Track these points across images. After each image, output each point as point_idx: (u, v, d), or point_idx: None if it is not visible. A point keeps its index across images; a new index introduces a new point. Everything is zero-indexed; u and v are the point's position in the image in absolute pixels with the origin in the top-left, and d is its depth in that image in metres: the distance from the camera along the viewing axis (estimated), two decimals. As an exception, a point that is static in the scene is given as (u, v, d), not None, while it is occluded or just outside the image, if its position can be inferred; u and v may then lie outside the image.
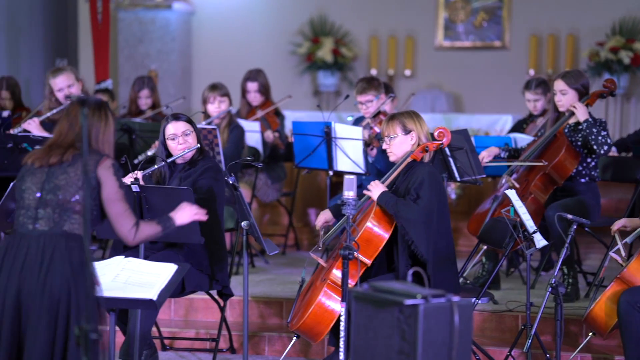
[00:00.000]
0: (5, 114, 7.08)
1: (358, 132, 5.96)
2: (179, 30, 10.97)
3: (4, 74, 8.95)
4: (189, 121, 4.83)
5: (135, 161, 6.33)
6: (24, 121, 6.29)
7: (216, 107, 6.37)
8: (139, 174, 4.65)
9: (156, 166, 4.77)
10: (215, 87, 6.43)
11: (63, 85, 6.01)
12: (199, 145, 4.80)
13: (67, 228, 3.42)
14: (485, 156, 5.76)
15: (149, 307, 3.86)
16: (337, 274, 4.58)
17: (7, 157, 5.97)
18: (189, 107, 10.65)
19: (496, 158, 5.84)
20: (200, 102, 6.59)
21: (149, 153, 6.34)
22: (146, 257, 4.50)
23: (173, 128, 4.78)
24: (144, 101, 7.34)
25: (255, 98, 7.06)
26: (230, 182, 4.60)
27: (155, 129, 6.86)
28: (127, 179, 4.58)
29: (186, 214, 3.93)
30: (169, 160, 4.76)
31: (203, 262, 4.75)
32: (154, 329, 5.13)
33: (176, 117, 4.83)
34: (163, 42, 10.86)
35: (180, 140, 4.78)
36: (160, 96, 7.67)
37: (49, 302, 3.33)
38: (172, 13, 10.92)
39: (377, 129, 6.06)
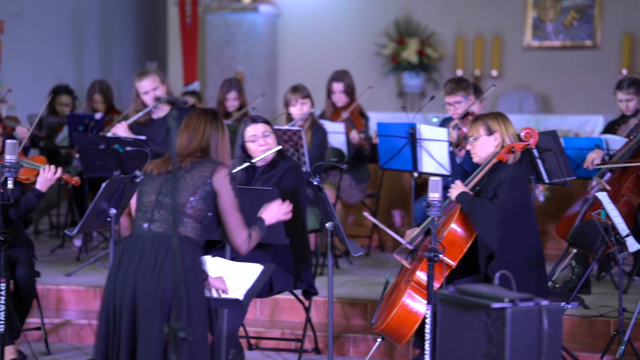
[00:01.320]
0: (98, 116, 7.28)
1: (443, 133, 5.91)
2: (265, 32, 11.08)
3: (97, 77, 9.20)
4: (267, 122, 4.85)
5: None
6: (113, 125, 6.44)
7: (298, 109, 6.40)
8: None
9: (238, 168, 4.80)
10: (296, 90, 6.45)
11: (148, 88, 6.12)
12: (280, 146, 4.81)
13: (181, 231, 3.52)
14: (595, 158, 5.65)
15: (236, 306, 3.90)
16: (421, 275, 4.55)
17: (99, 158, 6.14)
18: (274, 108, 10.75)
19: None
20: (283, 104, 6.62)
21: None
22: (232, 258, 4.55)
23: (253, 130, 4.80)
24: (231, 103, 7.43)
25: (340, 99, 7.07)
26: (315, 183, 4.61)
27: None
28: None
29: (274, 213, 3.99)
30: (253, 161, 4.79)
31: (288, 262, 4.78)
32: (240, 328, 5.18)
33: (254, 119, 4.85)
34: (249, 44, 10.98)
35: (260, 142, 4.79)
36: (246, 98, 7.75)
37: (162, 302, 3.40)
38: (258, 15, 11.04)
39: (465, 130, 5.99)
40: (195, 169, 3.58)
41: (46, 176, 4.99)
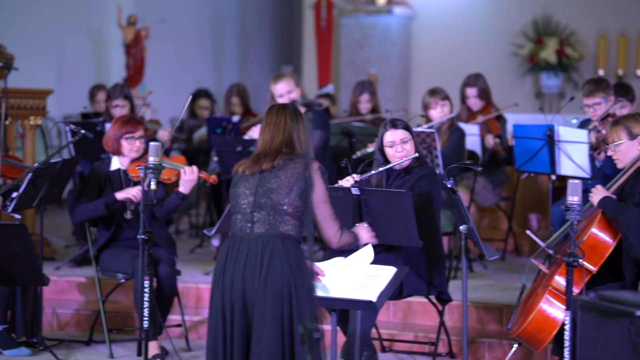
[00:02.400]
0: (235, 118, 7.46)
1: (583, 135, 5.73)
2: (399, 34, 11.06)
3: (235, 81, 9.43)
4: (407, 128, 4.82)
5: (354, 157, 6.44)
6: (249, 128, 6.58)
7: (439, 111, 6.35)
8: (356, 176, 4.72)
9: (373, 172, 4.80)
10: (435, 92, 6.41)
11: (283, 91, 6.22)
12: (417, 154, 4.78)
13: (282, 229, 3.55)
14: None
15: (369, 308, 3.92)
16: (559, 281, 4.43)
17: (236, 159, 6.24)
18: (407, 110, 10.71)
19: None
20: (421, 107, 6.58)
21: (368, 150, 6.43)
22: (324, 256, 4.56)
23: (392, 136, 4.78)
24: (364, 105, 7.45)
25: (475, 103, 6.96)
26: (449, 185, 4.57)
27: (374, 133, 6.94)
28: (345, 182, 4.66)
29: (364, 236, 4.05)
30: (387, 167, 4.78)
31: (421, 267, 4.75)
32: (373, 330, 5.19)
33: (394, 124, 4.82)
34: (383, 46, 10.99)
35: (398, 149, 4.77)
36: (379, 100, 7.76)
37: (272, 301, 3.47)
38: (392, 18, 11.03)
39: (604, 132, 5.79)
40: (288, 166, 3.60)
41: (187, 178, 5.16)
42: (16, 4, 9.55)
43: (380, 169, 4.77)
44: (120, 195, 5.22)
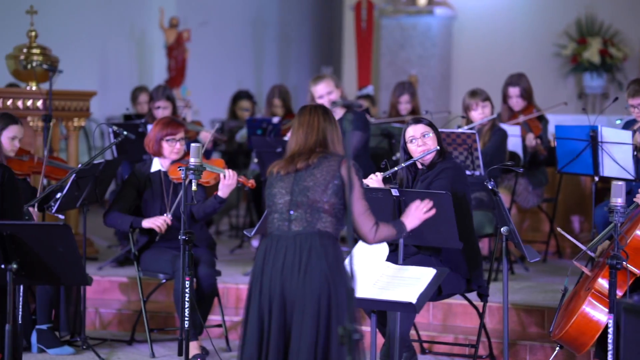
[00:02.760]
0: (276, 120, 7.48)
1: (627, 136, 5.65)
2: (439, 35, 11.01)
3: (275, 82, 9.47)
4: (430, 124, 4.80)
5: (394, 157, 6.42)
6: (289, 129, 6.59)
7: (479, 113, 6.30)
8: (379, 174, 4.71)
9: (396, 168, 4.79)
10: (475, 93, 6.36)
11: (323, 92, 6.22)
12: (438, 147, 4.75)
13: (320, 227, 3.55)
14: None
15: (409, 310, 3.91)
16: (602, 283, 4.38)
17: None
18: (448, 111, 10.66)
19: None
20: (461, 108, 6.55)
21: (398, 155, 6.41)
22: (403, 262, 4.55)
23: (412, 131, 4.77)
24: (404, 106, 7.44)
25: (517, 103, 6.90)
26: (490, 187, 4.54)
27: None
28: (369, 180, 4.66)
29: (415, 218, 3.97)
30: (408, 162, 4.76)
31: (460, 265, 4.73)
32: (412, 332, 5.18)
33: (416, 120, 4.83)
34: (424, 47, 10.95)
35: (419, 142, 4.75)
36: (419, 101, 7.73)
37: (311, 299, 3.47)
38: (433, 18, 10.99)
39: (649, 133, 5.71)
40: (322, 164, 3.60)
41: (226, 183, 5.19)
42: (61, 8, 9.68)
43: (402, 164, 4.74)
44: (146, 224, 5.29)
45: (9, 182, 3.69)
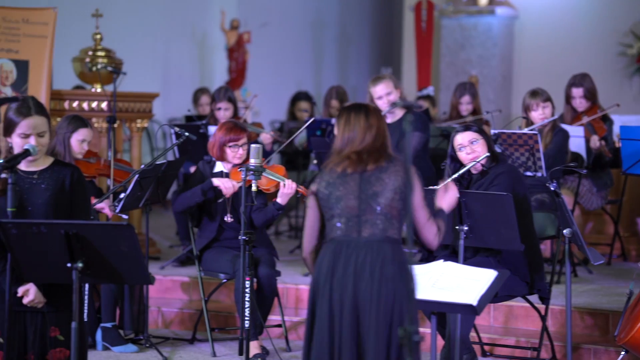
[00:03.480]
0: (334, 121, 7.49)
1: (695, 136, 5.53)
2: (501, 35, 10.90)
3: (334, 83, 9.48)
4: (478, 130, 4.75)
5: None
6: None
7: (540, 113, 6.22)
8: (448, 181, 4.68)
9: (449, 179, 4.72)
10: (536, 94, 6.28)
11: (382, 93, 6.20)
12: (488, 153, 4.70)
13: (390, 233, 3.46)
14: None
15: (469, 312, 3.87)
16: (669, 288, 4.29)
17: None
18: (508, 112, 10.56)
19: None
20: (521, 109, 6.47)
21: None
22: (463, 263, 4.52)
23: (460, 138, 4.73)
24: (465, 107, 7.39)
25: (580, 104, 6.79)
26: (552, 188, 4.48)
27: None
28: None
29: (450, 199, 3.94)
30: (459, 172, 4.70)
31: (521, 268, 4.67)
32: (473, 334, 5.14)
33: (464, 127, 4.78)
34: (484, 47, 10.86)
35: (467, 150, 4.71)
36: (480, 102, 7.67)
37: (384, 307, 3.38)
38: (494, 18, 10.89)
39: None
40: (390, 169, 3.50)
41: (285, 192, 5.21)
42: (125, 11, 9.84)
43: (454, 175, 4.68)
44: (216, 181, 5.30)
45: (78, 182, 3.76)
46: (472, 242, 4.59)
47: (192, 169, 6.51)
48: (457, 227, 4.54)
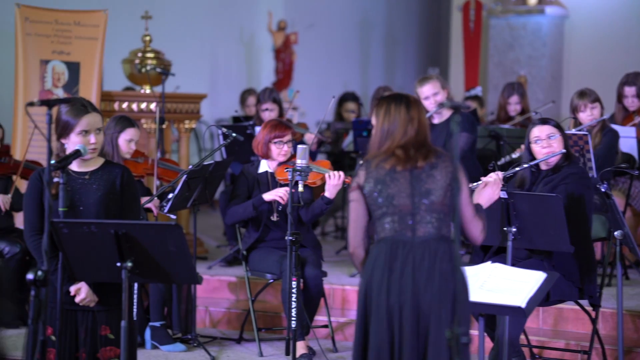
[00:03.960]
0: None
1: None
2: (550, 34, 10.78)
3: (381, 83, 9.46)
4: (557, 126, 4.70)
5: (499, 163, 6.32)
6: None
7: (588, 114, 6.13)
8: (500, 174, 4.63)
9: (517, 169, 4.70)
10: (584, 94, 6.18)
11: (429, 93, 6.16)
12: (564, 150, 4.64)
13: (443, 232, 3.38)
14: None
15: (517, 314, 3.83)
16: None
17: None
18: (558, 112, 10.42)
19: None
20: (569, 109, 6.39)
21: (514, 156, 6.29)
22: (512, 265, 4.47)
23: (537, 131, 4.69)
24: (513, 107, 7.31)
25: (632, 103, 6.67)
26: (603, 189, 4.41)
27: (523, 135, 6.78)
28: (488, 178, 4.58)
29: (489, 195, 3.89)
30: (531, 163, 4.67)
31: (572, 272, 4.61)
32: (522, 336, 5.08)
33: (543, 120, 4.73)
34: (533, 47, 10.74)
35: (544, 144, 4.66)
36: (529, 102, 7.59)
37: (446, 306, 3.30)
38: (544, 17, 10.77)
39: None
40: (439, 165, 3.39)
41: (333, 183, 5.20)
42: (174, 13, 9.94)
43: (524, 165, 4.66)
44: (267, 196, 5.32)
45: (128, 183, 3.81)
46: (521, 244, 4.54)
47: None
48: (505, 229, 4.49)
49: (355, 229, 3.46)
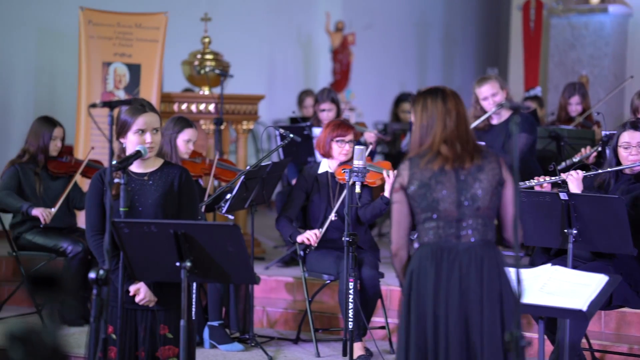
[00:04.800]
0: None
1: None
2: (613, 33, 10.58)
3: (439, 84, 9.37)
4: None
5: (560, 167, 6.23)
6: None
7: (650, 115, 6.01)
8: (580, 173, 4.56)
9: (600, 171, 4.62)
10: (644, 95, 6.07)
11: (487, 94, 6.10)
12: None
13: (490, 237, 3.29)
14: None
15: (579, 317, 3.77)
16: None
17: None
18: (620, 112, 10.23)
19: None
20: (630, 110, 6.26)
21: (575, 160, 6.18)
22: (574, 268, 4.40)
23: (628, 137, 4.59)
24: (574, 108, 7.20)
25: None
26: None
27: (584, 136, 6.68)
28: (565, 175, 4.51)
29: None
30: (616, 168, 4.58)
31: (634, 276, 4.52)
32: (583, 340, 5.00)
33: (635, 125, 4.61)
34: (595, 46, 10.56)
35: (632, 151, 4.57)
36: (590, 102, 7.46)
37: (494, 310, 3.23)
38: (607, 16, 10.58)
39: None
40: (485, 166, 3.28)
41: (391, 182, 5.18)
42: (232, 14, 10.01)
43: (608, 169, 4.58)
44: (299, 239, 5.37)
45: (187, 183, 3.85)
46: (582, 246, 4.47)
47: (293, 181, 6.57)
48: (565, 231, 4.43)
49: (398, 230, 3.38)
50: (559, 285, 3.87)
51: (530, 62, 10.88)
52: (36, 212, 5.73)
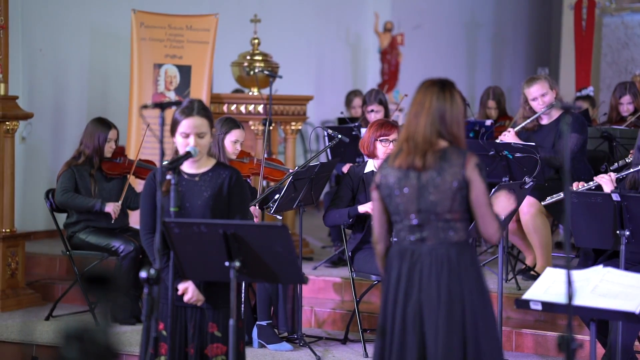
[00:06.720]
0: (488, 122, 7.37)
1: None
2: (666, 31, 10.41)
3: (488, 84, 9.33)
4: None
5: (612, 168, 6.14)
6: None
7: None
8: (612, 175, 4.50)
9: (631, 170, 4.56)
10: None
11: (537, 94, 6.03)
12: None
13: (454, 238, 3.29)
14: None
15: (631, 319, 3.72)
16: None
17: (489, 164, 6.20)
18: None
19: None
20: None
21: (627, 160, 6.09)
22: (627, 270, 4.34)
23: None
24: (625, 107, 7.10)
25: None
26: None
27: (636, 136, 6.58)
28: (599, 179, 4.45)
29: (504, 205, 3.56)
30: (621, 174, 4.51)
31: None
32: (636, 343, 4.92)
33: None
34: (648, 45, 10.40)
35: None
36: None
37: (452, 314, 3.26)
38: (659, 14, 10.41)
39: None
40: (443, 169, 3.25)
41: None
42: (281, 16, 10.06)
43: (637, 167, 4.51)
44: (361, 208, 5.34)
45: (237, 184, 3.88)
46: (634, 248, 4.40)
47: (345, 168, 6.58)
48: (618, 232, 4.37)
49: (376, 226, 3.48)
50: (611, 287, 3.82)
51: (582, 62, 10.74)
52: (109, 208, 5.85)
